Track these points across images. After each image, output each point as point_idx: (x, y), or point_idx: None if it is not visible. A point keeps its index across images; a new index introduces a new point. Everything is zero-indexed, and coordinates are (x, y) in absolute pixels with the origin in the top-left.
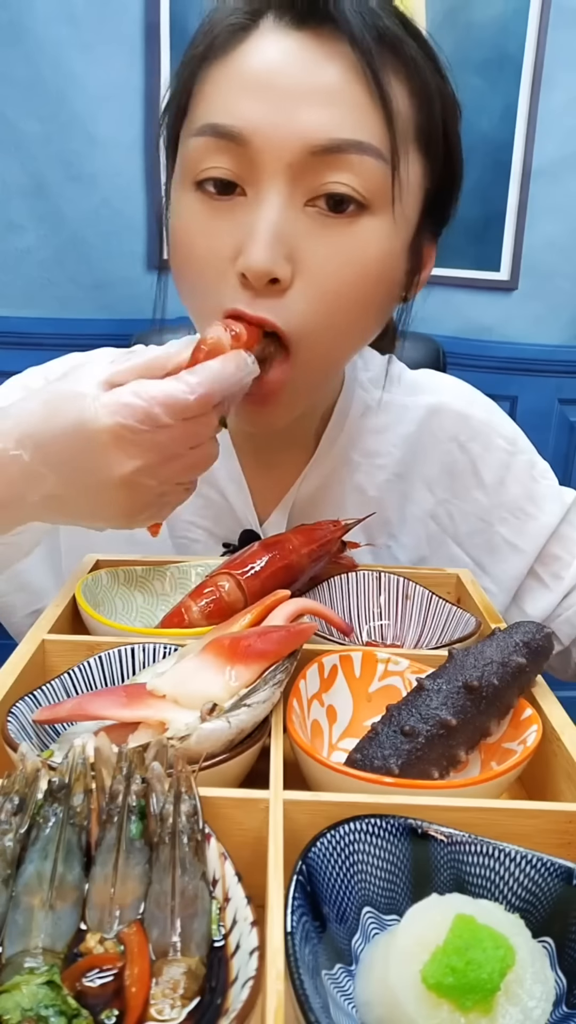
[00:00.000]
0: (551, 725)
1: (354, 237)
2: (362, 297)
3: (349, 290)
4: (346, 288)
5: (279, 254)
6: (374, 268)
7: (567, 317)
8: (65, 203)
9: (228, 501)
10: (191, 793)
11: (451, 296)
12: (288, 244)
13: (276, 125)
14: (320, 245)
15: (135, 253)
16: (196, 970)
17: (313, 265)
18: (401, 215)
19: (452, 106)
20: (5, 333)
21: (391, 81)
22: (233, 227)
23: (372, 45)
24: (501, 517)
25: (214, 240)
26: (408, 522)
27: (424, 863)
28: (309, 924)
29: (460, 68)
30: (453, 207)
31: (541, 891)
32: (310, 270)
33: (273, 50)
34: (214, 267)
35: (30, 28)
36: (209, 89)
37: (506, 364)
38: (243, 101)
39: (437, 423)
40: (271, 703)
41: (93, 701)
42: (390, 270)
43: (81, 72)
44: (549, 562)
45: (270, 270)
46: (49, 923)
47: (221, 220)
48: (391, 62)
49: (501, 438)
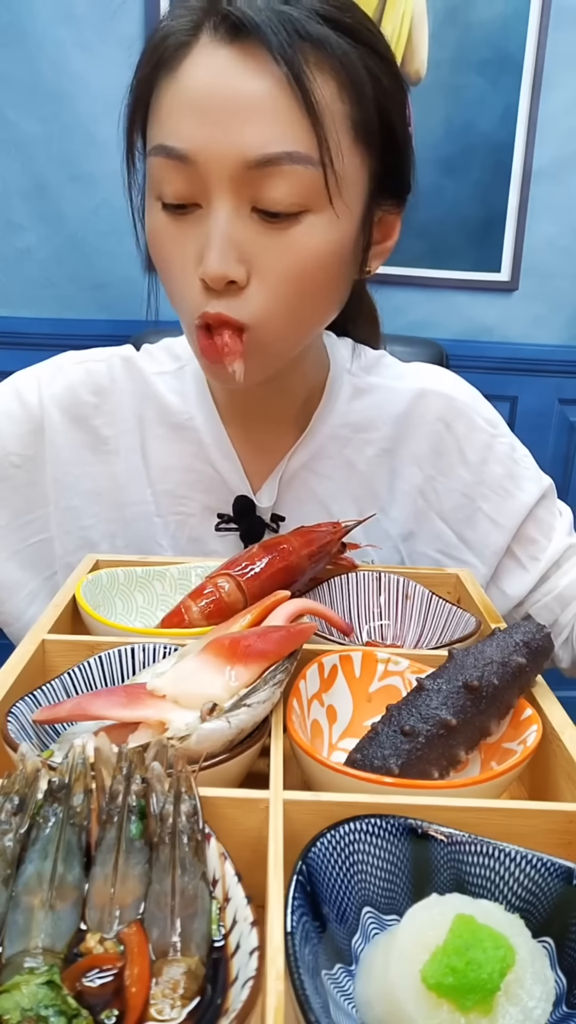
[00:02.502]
0: (551, 725)
1: (298, 236)
2: (312, 286)
3: (299, 283)
4: (296, 282)
5: (231, 259)
6: (320, 260)
7: (567, 317)
8: (65, 203)
9: (221, 475)
10: (191, 793)
11: (453, 299)
12: (239, 248)
13: (216, 144)
14: (268, 247)
15: (135, 253)
16: (196, 970)
17: (264, 265)
18: (342, 206)
19: (392, 86)
20: (5, 333)
21: (318, 82)
22: (194, 236)
23: (294, 55)
24: (483, 494)
25: (180, 250)
26: (397, 498)
27: (424, 863)
28: (309, 924)
29: (460, 68)
30: (409, 178)
31: (541, 891)
32: (262, 270)
33: (209, 67)
34: (182, 274)
35: (30, 28)
36: (161, 105)
37: (506, 364)
38: (186, 122)
39: (424, 404)
40: (271, 703)
41: (93, 701)
42: (337, 257)
43: (81, 72)
44: (526, 544)
45: (224, 274)
46: (49, 923)
47: (185, 231)
48: (316, 63)
49: (484, 420)
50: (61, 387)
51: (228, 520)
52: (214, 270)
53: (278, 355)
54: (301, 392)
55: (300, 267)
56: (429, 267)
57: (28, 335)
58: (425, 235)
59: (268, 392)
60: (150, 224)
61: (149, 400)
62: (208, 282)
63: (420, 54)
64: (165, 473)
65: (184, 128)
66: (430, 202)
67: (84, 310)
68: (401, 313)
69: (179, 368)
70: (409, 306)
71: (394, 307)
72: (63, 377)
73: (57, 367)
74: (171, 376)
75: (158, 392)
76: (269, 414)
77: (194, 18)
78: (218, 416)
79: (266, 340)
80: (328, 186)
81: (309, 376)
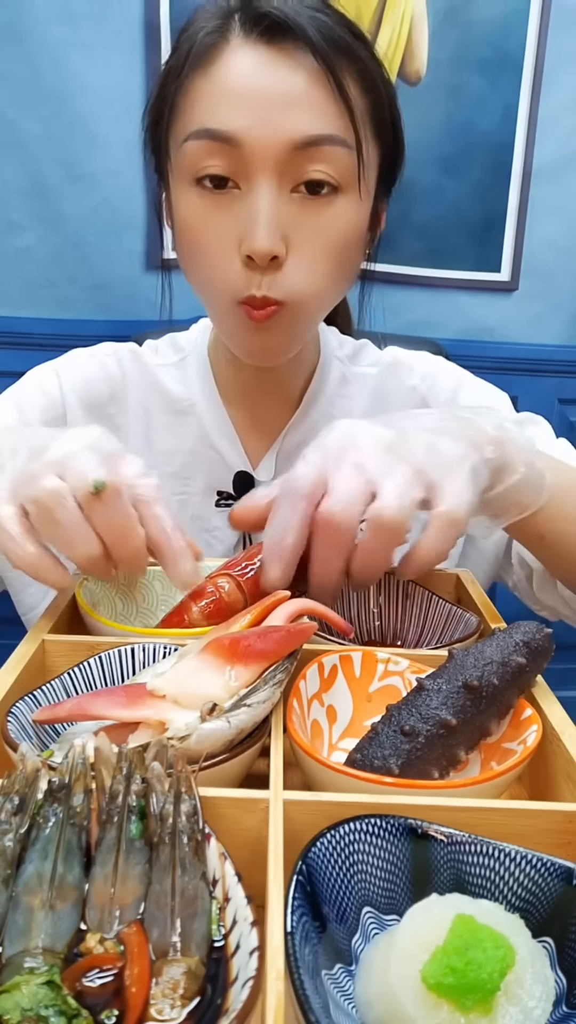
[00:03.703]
0: (551, 725)
1: (332, 215)
2: (342, 261)
3: (333, 258)
4: (330, 257)
5: (276, 236)
6: (350, 237)
7: (567, 317)
8: (65, 203)
9: (221, 455)
10: (191, 793)
11: (453, 299)
12: (281, 226)
13: (262, 128)
14: (306, 224)
15: (135, 253)
16: (196, 970)
17: (302, 242)
18: (365, 190)
19: (391, 90)
20: (5, 333)
21: (347, 81)
22: (232, 217)
23: (330, 53)
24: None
25: (216, 230)
26: None
27: (424, 863)
28: (309, 924)
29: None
30: (400, 172)
31: (541, 891)
32: (300, 246)
33: (248, 62)
34: (220, 254)
35: (30, 28)
36: (195, 98)
37: (506, 364)
38: (231, 108)
39: (394, 376)
40: (271, 703)
41: (93, 701)
42: (360, 235)
43: (81, 72)
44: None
45: (271, 250)
46: (49, 923)
47: (220, 212)
48: (345, 65)
49: (447, 380)
50: (78, 379)
51: (228, 497)
52: (263, 246)
53: (307, 328)
54: (299, 373)
55: (333, 243)
56: (429, 267)
57: (28, 335)
58: (425, 235)
59: (269, 374)
60: (183, 209)
61: (154, 390)
62: (256, 258)
63: (420, 54)
64: (168, 457)
65: (227, 113)
66: (430, 202)
67: (84, 310)
68: (401, 313)
69: (182, 359)
70: (409, 306)
71: (394, 307)
72: (79, 370)
73: (70, 362)
74: (174, 367)
75: (162, 382)
76: (269, 395)
77: (223, 20)
78: (219, 400)
79: (300, 314)
80: (359, 168)
81: (306, 358)
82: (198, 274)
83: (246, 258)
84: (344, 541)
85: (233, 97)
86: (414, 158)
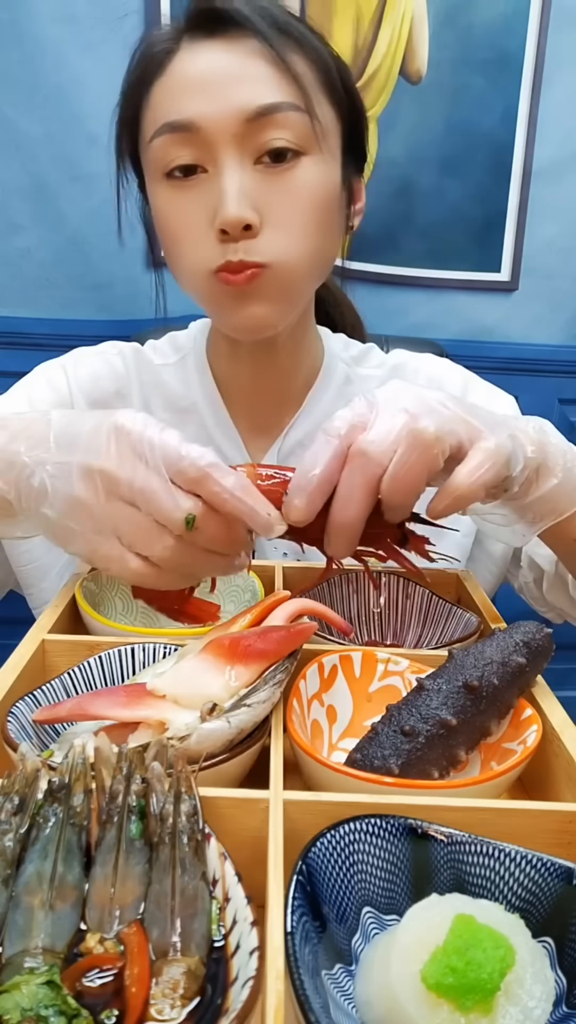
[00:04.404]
0: (551, 725)
1: (298, 179)
2: (318, 222)
3: (308, 219)
4: (305, 218)
5: (245, 205)
6: (320, 198)
7: (567, 317)
8: (65, 203)
9: (222, 452)
10: (191, 793)
11: (453, 299)
12: (250, 197)
13: (216, 107)
14: (275, 191)
15: (135, 253)
16: (196, 970)
17: (274, 208)
18: (328, 151)
19: (340, 61)
20: (5, 333)
21: (290, 54)
22: (201, 198)
23: (268, 29)
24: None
25: (189, 215)
26: None
27: (424, 863)
28: (309, 924)
29: (460, 68)
30: (365, 142)
31: (541, 891)
32: (272, 213)
33: (198, 56)
34: (194, 235)
35: (30, 28)
36: (155, 101)
37: (506, 364)
38: (186, 98)
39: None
40: (271, 703)
41: (93, 701)
42: (333, 197)
43: (81, 72)
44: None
45: (242, 217)
46: (49, 923)
47: (191, 198)
48: (284, 40)
49: (454, 383)
50: (85, 376)
51: None
52: (233, 214)
53: (294, 297)
54: (299, 372)
55: (304, 204)
56: (429, 267)
57: (28, 335)
58: (425, 235)
59: (268, 371)
60: (157, 204)
61: (155, 388)
62: (227, 228)
63: (420, 54)
64: None
65: (184, 103)
66: (430, 202)
67: (84, 310)
68: (402, 314)
69: (181, 359)
70: (409, 307)
71: (394, 308)
72: (85, 367)
73: (77, 359)
74: (174, 367)
75: (163, 381)
76: (269, 393)
77: (175, 29)
78: (219, 398)
79: (285, 278)
80: (315, 130)
81: (306, 357)
82: (177, 261)
83: (220, 232)
84: (371, 476)
85: (186, 88)
86: (414, 158)
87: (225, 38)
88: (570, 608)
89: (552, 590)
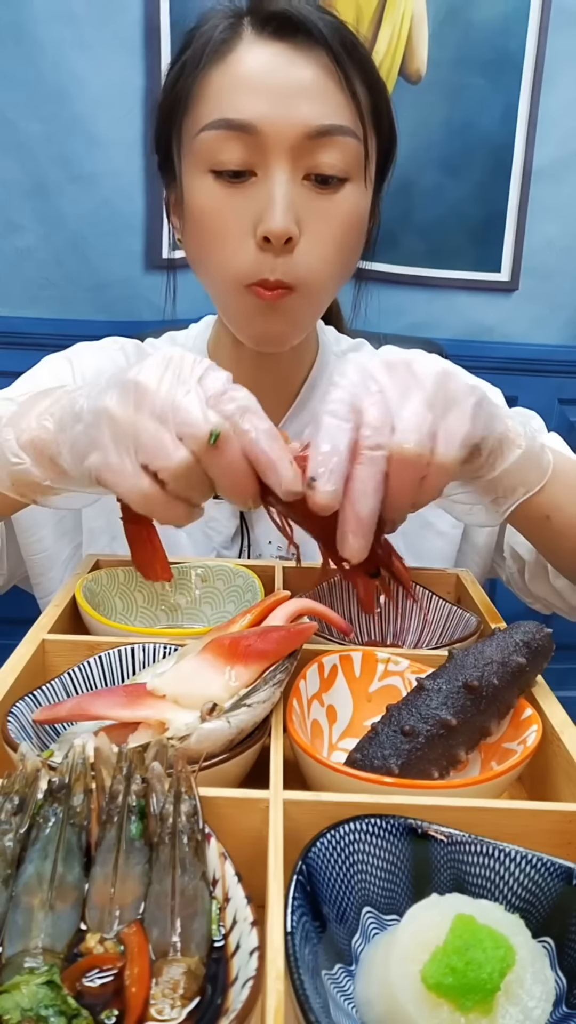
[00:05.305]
0: (551, 725)
1: (338, 204)
2: (347, 248)
3: (340, 244)
4: (337, 243)
5: (291, 218)
6: (355, 225)
7: (567, 317)
8: (65, 203)
9: None
10: (191, 793)
11: (453, 299)
12: (295, 210)
13: (278, 115)
14: (316, 211)
15: (135, 253)
16: (196, 970)
17: (313, 226)
18: (368, 180)
19: (384, 85)
20: (5, 333)
21: (353, 76)
22: (247, 202)
23: (339, 49)
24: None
25: (231, 215)
26: None
27: (424, 863)
28: (309, 924)
29: (460, 68)
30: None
31: (541, 891)
32: (311, 230)
33: (263, 55)
34: (234, 237)
35: (30, 28)
36: (211, 90)
37: (506, 364)
38: (248, 97)
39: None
40: (271, 703)
41: (93, 701)
42: (364, 224)
43: (81, 72)
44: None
45: (288, 230)
46: (49, 923)
47: (235, 198)
48: (350, 62)
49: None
50: (89, 369)
51: None
52: (279, 226)
53: (312, 316)
54: (298, 368)
55: (342, 229)
56: (429, 267)
57: (28, 335)
58: (425, 235)
59: (270, 370)
60: (199, 197)
61: None
62: (272, 239)
63: (420, 54)
64: None
65: (245, 103)
66: (430, 202)
67: (84, 310)
68: (401, 313)
69: None
70: (409, 306)
71: (394, 307)
72: (89, 361)
73: (80, 353)
74: None
75: None
76: (268, 389)
77: (235, 19)
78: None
79: (309, 299)
80: (363, 159)
81: (306, 353)
82: (209, 260)
83: (262, 240)
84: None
85: (250, 87)
86: (414, 158)
87: (294, 45)
88: (554, 598)
89: (534, 580)
